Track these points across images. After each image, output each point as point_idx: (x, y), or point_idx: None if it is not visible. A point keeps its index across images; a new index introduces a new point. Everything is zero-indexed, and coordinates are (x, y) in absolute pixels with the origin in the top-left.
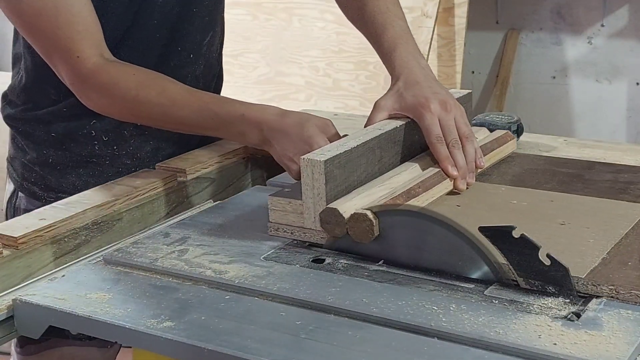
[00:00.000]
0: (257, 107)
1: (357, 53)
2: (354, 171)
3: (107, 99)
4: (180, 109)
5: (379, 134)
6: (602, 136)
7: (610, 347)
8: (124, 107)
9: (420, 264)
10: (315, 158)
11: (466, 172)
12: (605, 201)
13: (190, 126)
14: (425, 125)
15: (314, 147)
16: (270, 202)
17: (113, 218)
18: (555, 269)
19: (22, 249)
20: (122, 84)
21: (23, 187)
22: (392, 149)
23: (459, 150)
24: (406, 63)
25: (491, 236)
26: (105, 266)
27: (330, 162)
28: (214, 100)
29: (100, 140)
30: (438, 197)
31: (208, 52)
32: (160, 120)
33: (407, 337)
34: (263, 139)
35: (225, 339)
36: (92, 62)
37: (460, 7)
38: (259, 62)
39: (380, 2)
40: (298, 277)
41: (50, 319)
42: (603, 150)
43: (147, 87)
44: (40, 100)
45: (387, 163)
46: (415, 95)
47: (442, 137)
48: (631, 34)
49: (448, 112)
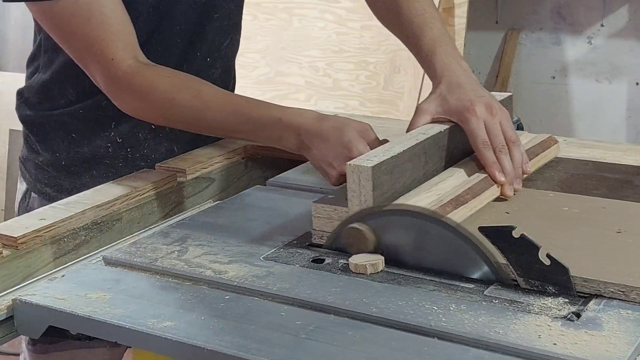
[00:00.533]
0: (294, 110)
1: (357, 53)
2: (400, 177)
3: (142, 102)
4: (215, 112)
5: (424, 139)
6: (602, 136)
7: (610, 347)
8: (158, 110)
9: (420, 264)
10: (363, 164)
11: (513, 177)
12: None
13: (224, 130)
14: (470, 130)
15: (353, 152)
16: (314, 208)
17: (113, 218)
18: (555, 268)
19: (22, 249)
20: (157, 87)
21: (36, 189)
22: (437, 154)
23: (506, 155)
24: (447, 65)
25: (491, 236)
26: (105, 266)
27: (377, 168)
28: (249, 103)
29: (114, 143)
30: (486, 204)
31: (226, 56)
32: (194, 124)
33: (407, 337)
34: (300, 144)
35: (225, 339)
36: (126, 65)
37: (460, 7)
38: (259, 62)
39: (416, 4)
40: (298, 277)
41: (50, 319)
42: (603, 150)
43: (182, 90)
44: (57, 101)
45: (432, 168)
46: (459, 98)
47: (488, 141)
48: (631, 33)
49: (494, 116)
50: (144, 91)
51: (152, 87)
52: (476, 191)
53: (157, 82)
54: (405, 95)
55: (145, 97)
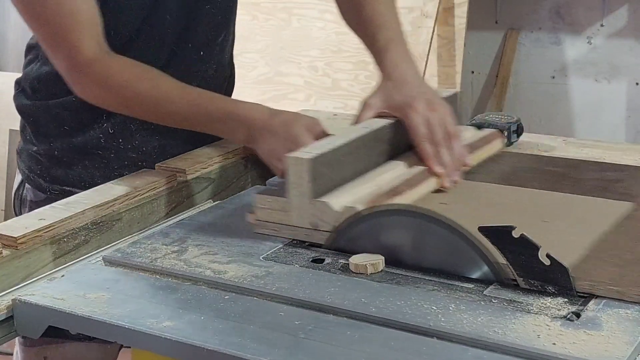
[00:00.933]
0: (247, 105)
1: (356, 53)
2: (340, 170)
3: (102, 90)
4: (172, 103)
5: (365, 133)
6: (601, 136)
7: (610, 347)
8: (117, 98)
9: (420, 264)
10: (301, 156)
11: (452, 170)
12: (589, 199)
13: (180, 121)
14: (410, 124)
15: (299, 145)
16: (257, 200)
17: (112, 218)
18: (555, 268)
19: (22, 249)
20: (117, 75)
21: (30, 179)
22: (379, 148)
23: (444, 148)
24: (397, 63)
25: (491, 236)
26: (105, 266)
27: (315, 161)
28: (206, 96)
29: (106, 133)
30: (425, 196)
31: (220, 53)
32: (152, 113)
33: (406, 337)
34: (250, 137)
35: (224, 339)
36: (90, 52)
37: (460, 7)
38: (258, 62)
39: (378, 7)
40: (297, 277)
41: (49, 319)
42: (602, 150)
43: (142, 80)
44: (52, 91)
45: (374, 162)
46: (403, 94)
47: (427, 135)
48: (630, 33)
49: (434, 112)
50: (104, 79)
51: (113, 75)
52: (413, 183)
53: (117, 70)
54: None
55: (105, 84)
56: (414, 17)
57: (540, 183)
